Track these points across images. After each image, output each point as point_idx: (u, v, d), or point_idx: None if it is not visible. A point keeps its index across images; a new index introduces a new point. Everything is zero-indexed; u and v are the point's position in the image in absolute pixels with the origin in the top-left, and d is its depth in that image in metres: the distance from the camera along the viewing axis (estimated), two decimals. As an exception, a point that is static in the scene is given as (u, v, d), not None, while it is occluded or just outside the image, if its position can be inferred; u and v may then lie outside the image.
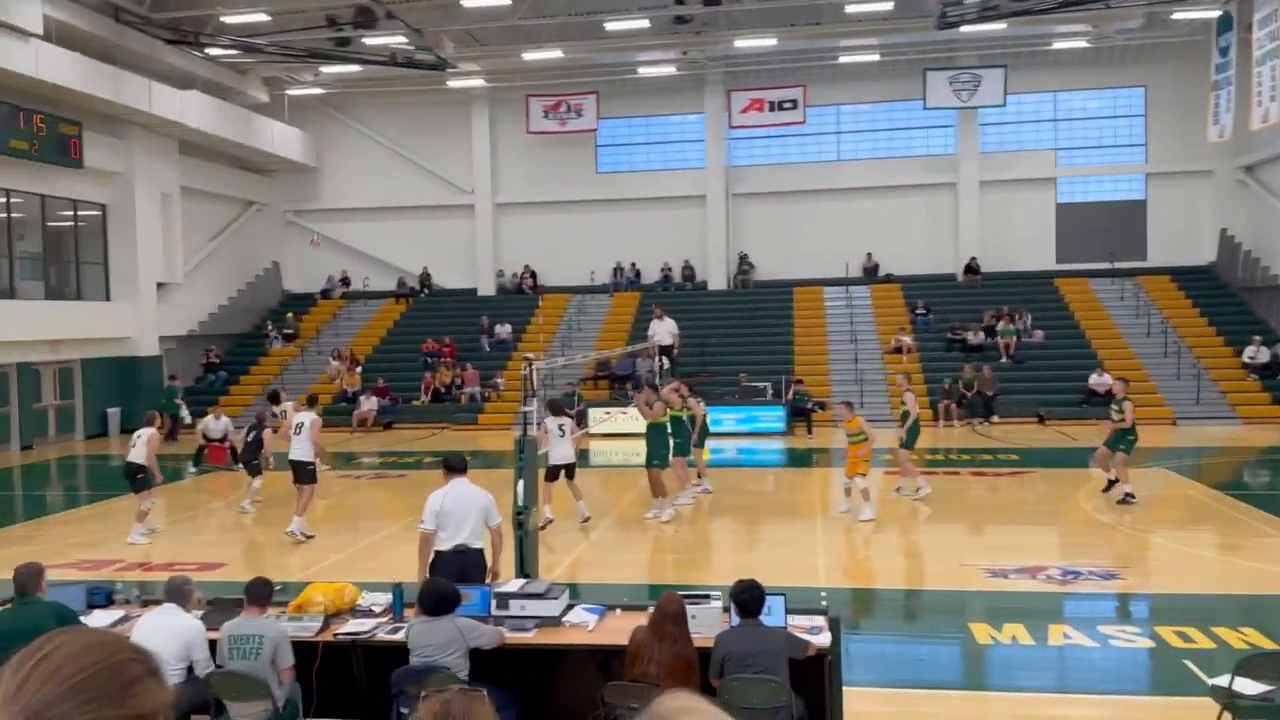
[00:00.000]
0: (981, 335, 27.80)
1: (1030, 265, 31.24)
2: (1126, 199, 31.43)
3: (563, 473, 13.37)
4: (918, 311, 29.22)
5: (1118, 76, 30.81)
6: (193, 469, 19.67)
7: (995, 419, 24.97)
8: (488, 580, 8.02)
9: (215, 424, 18.52)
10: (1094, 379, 25.12)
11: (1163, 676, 7.96)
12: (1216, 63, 27.87)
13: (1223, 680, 6.14)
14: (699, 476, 16.36)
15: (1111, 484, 14.73)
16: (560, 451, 13.21)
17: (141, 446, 13.57)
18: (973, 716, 7.23)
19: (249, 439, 15.76)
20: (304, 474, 13.51)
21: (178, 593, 6.48)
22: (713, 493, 16.18)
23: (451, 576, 7.48)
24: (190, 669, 6.25)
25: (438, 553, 8.01)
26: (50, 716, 1.21)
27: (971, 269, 30.98)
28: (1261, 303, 27.88)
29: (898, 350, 27.55)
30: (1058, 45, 29.82)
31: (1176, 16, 27.64)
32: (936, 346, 28.13)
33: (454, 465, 8.33)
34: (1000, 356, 27.07)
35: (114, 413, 26.68)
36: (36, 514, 16.58)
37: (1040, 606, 9.82)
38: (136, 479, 13.63)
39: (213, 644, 6.30)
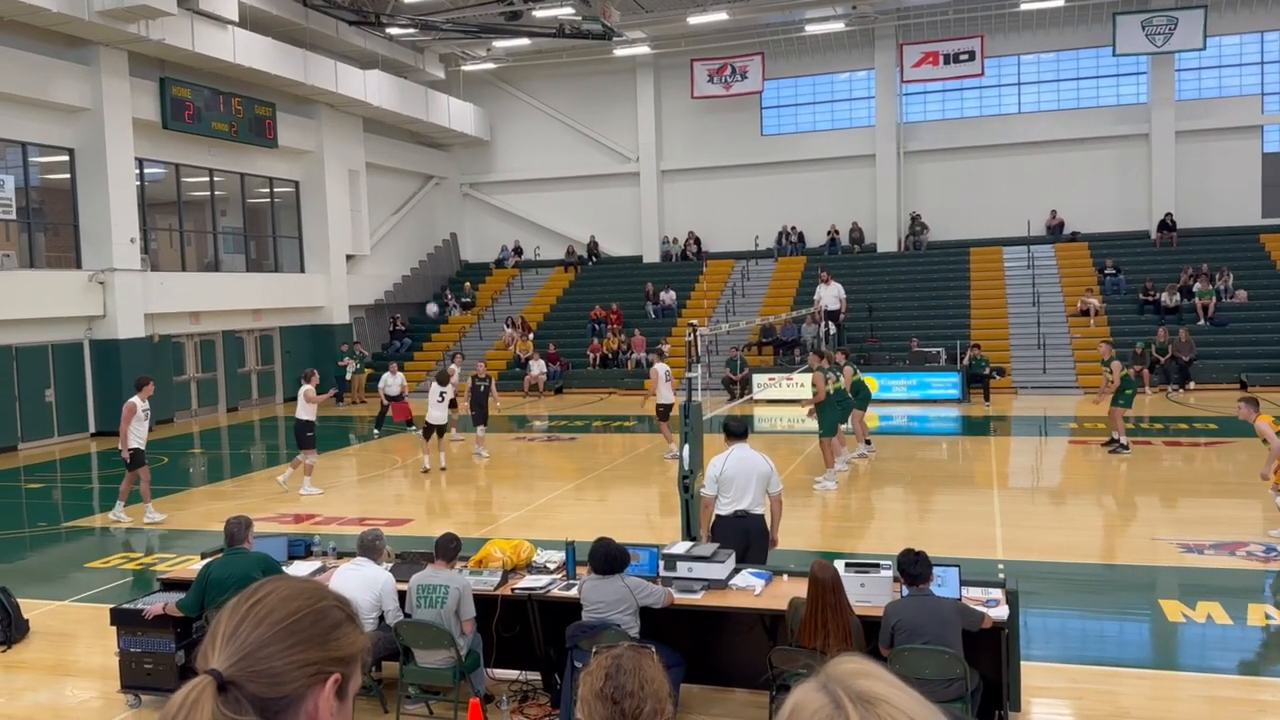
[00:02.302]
0: (1177, 296, 26.03)
1: (1232, 220, 28.95)
2: (1347, 145, 28.68)
3: (435, 431, 16.24)
4: (1107, 272, 27.63)
5: (1339, 10, 28.02)
6: (375, 431, 20.67)
7: (1192, 385, 23.42)
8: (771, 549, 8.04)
9: (392, 380, 19.55)
10: (1306, 342, 23.19)
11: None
12: None
13: None
14: (864, 441, 16.27)
15: (1112, 440, 16.01)
16: (436, 414, 16.08)
17: (301, 401, 14.88)
18: (1160, 696, 6.87)
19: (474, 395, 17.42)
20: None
21: (369, 546, 6.90)
22: (868, 456, 16.13)
23: (731, 542, 7.49)
24: (381, 618, 6.67)
25: (718, 517, 7.96)
26: (261, 656, 1.33)
27: (1166, 226, 28.99)
28: None
29: (1085, 313, 26.17)
30: (1268, -21, 27.37)
31: None
32: (1127, 309, 26.55)
33: (734, 431, 8.17)
34: (1198, 319, 25.32)
35: (309, 377, 28.44)
36: (242, 471, 17.91)
37: (1239, 584, 9.21)
38: (305, 436, 14.77)
39: (401, 595, 6.68)
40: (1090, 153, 30.13)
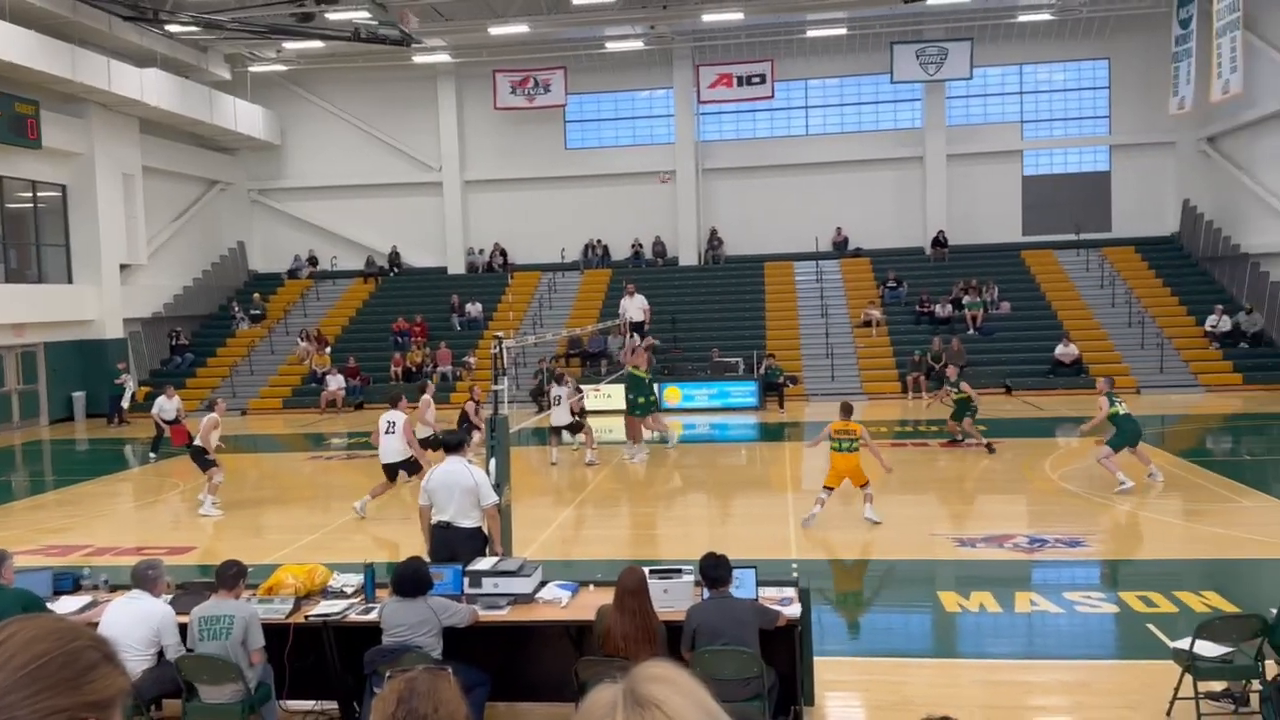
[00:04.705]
0: (949, 308, 27.99)
1: (997, 238, 31.43)
2: (1091, 171, 31.68)
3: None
4: (888, 285, 29.36)
5: (1082, 48, 30.95)
6: (152, 455, 19.21)
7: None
8: None
9: (168, 404, 18.13)
10: (1060, 349, 25.41)
11: (1127, 641, 8.11)
12: (1177, 34, 28.14)
13: (1184, 643, 6.27)
14: (637, 441, 17.39)
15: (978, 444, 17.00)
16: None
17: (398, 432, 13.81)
18: (942, 684, 7.33)
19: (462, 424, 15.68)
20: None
21: (144, 578, 6.43)
22: (638, 459, 16.91)
23: (436, 551, 7.71)
24: (160, 654, 6.22)
25: (432, 527, 8.14)
26: (4, 705, 1.20)
27: (939, 242, 31.14)
28: (1223, 272, 28.25)
29: (868, 324, 27.70)
30: (1023, 18, 29.89)
31: (1140, -12, 27.78)
32: (905, 319, 28.30)
33: (447, 444, 8.50)
34: (968, 329, 27.27)
35: (79, 396, 26.34)
36: (2, 500, 16.35)
37: (1007, 574, 9.95)
38: (400, 465, 13.67)
39: (183, 628, 6.27)
40: (871, 173, 31.98)
